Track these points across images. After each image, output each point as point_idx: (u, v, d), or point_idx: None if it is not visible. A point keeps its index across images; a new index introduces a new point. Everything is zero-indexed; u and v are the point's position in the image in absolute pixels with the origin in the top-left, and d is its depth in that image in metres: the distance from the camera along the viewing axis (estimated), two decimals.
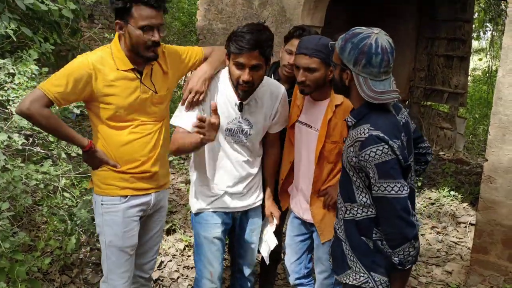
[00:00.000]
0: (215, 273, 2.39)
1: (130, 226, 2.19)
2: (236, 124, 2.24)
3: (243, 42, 2.03)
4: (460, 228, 4.47)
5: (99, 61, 2.02)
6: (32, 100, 1.93)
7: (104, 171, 2.15)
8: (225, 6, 4.63)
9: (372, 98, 1.66)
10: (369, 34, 1.66)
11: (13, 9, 3.45)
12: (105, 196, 2.16)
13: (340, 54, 1.70)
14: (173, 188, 4.72)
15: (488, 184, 3.14)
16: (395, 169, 1.63)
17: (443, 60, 6.36)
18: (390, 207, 1.63)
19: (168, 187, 2.42)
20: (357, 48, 1.65)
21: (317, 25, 4.24)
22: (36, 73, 2.92)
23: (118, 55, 2.06)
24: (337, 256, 1.93)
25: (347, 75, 1.71)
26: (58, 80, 1.97)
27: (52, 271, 3.08)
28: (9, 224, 2.55)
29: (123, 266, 2.22)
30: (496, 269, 3.21)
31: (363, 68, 1.66)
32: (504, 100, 3.00)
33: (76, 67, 1.99)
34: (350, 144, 1.73)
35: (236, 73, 2.10)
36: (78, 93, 1.99)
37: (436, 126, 6.63)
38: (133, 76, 2.08)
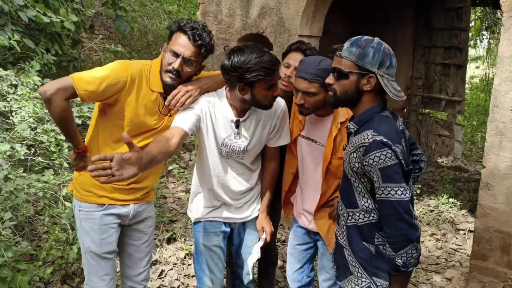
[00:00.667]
0: (216, 281, 2.39)
1: (107, 233, 2.19)
2: (232, 140, 2.22)
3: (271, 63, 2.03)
4: (459, 235, 4.49)
5: (138, 74, 2.04)
6: (59, 88, 1.89)
7: (84, 177, 2.14)
8: (224, 16, 4.69)
9: (397, 96, 1.73)
10: (379, 39, 1.74)
11: (15, 21, 3.50)
12: (82, 202, 2.16)
13: (359, 60, 1.71)
14: (173, 197, 4.74)
15: (486, 190, 3.16)
16: (398, 173, 1.66)
17: (440, 68, 6.42)
18: (394, 210, 1.66)
19: (152, 200, 2.38)
20: (380, 51, 1.70)
21: (315, 35, 4.30)
22: (38, 84, 2.95)
23: (154, 75, 2.09)
24: (339, 262, 1.95)
25: (368, 80, 1.73)
26: (93, 78, 1.94)
27: (53, 280, 3.09)
28: (12, 234, 2.56)
29: (103, 269, 2.23)
30: (495, 276, 3.22)
31: (387, 69, 1.72)
32: (501, 108, 3.04)
33: (115, 72, 1.99)
34: (353, 150, 1.76)
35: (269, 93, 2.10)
36: (105, 96, 1.99)
37: (434, 134, 6.67)
38: (157, 99, 2.10)
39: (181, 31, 2.03)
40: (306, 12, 4.10)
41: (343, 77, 1.76)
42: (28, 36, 3.67)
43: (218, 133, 2.19)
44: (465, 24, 6.14)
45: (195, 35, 2.01)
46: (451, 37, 6.22)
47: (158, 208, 4.26)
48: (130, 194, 2.21)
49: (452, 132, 6.46)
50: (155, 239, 3.83)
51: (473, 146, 7.96)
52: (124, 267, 2.39)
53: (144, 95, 2.07)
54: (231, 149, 2.23)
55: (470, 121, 9.23)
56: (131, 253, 2.36)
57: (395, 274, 1.75)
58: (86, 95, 1.93)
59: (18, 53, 3.47)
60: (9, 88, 2.91)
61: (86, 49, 5.80)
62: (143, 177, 2.21)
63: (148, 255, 2.42)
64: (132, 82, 2.02)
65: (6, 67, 3.39)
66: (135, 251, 2.36)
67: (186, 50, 2.02)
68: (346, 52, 1.74)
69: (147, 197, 2.31)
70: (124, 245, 2.35)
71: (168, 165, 5.37)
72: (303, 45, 2.51)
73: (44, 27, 3.83)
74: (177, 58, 2.03)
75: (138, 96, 2.06)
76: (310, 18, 4.17)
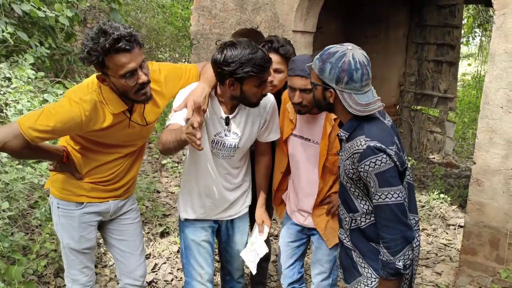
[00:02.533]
0: (205, 275, 2.38)
1: (87, 230, 2.19)
2: (223, 137, 2.20)
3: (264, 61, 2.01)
4: (449, 230, 4.55)
5: (93, 109, 1.91)
6: (8, 140, 1.82)
7: (62, 176, 2.12)
8: (218, 11, 4.69)
9: (359, 111, 1.72)
10: (345, 52, 1.70)
11: (8, 14, 3.48)
12: (61, 200, 2.15)
13: (320, 74, 1.73)
14: (167, 192, 4.75)
15: (476, 186, 3.21)
16: (394, 176, 1.69)
17: (432, 65, 6.46)
18: (392, 213, 1.69)
19: (132, 194, 2.36)
20: (337, 67, 1.69)
21: (309, 30, 4.32)
22: (32, 77, 2.94)
23: (110, 97, 1.94)
24: (347, 265, 1.96)
25: (330, 93, 1.74)
26: (43, 126, 1.84)
27: (47, 273, 3.10)
28: (8, 224, 2.57)
29: (82, 263, 2.25)
30: (484, 270, 3.28)
31: (345, 84, 1.70)
32: (491, 105, 3.08)
33: (67, 114, 1.86)
34: (347, 157, 1.77)
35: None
36: (60, 135, 1.95)
37: (426, 130, 6.73)
38: (123, 118, 2.02)
39: (114, 51, 1.78)
40: (300, 8, 4.11)
41: (313, 87, 1.81)
42: (21, 29, 3.65)
43: (209, 131, 2.18)
44: (458, 22, 6.18)
45: (126, 45, 1.78)
46: (444, 34, 6.26)
47: (152, 203, 4.27)
48: (109, 192, 2.20)
49: (443, 129, 6.52)
50: (149, 233, 3.84)
51: (464, 142, 8.03)
52: (119, 264, 2.38)
53: (111, 122, 1.97)
54: (222, 146, 2.21)
55: (461, 118, 9.31)
56: (122, 249, 2.35)
57: (390, 279, 1.76)
58: (38, 140, 1.87)
59: (12, 46, 3.46)
60: (2, 81, 2.91)
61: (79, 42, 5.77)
62: (121, 176, 2.20)
63: (140, 249, 2.39)
64: (89, 119, 1.91)
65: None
66: (125, 246, 2.34)
67: (134, 61, 1.83)
68: (314, 64, 1.77)
69: (127, 193, 2.30)
70: (112, 241, 2.35)
71: (161, 160, 5.37)
72: (274, 44, 2.45)
73: (38, 20, 3.81)
74: (134, 75, 1.84)
75: (104, 126, 1.96)
76: (304, 14, 4.18)
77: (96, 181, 2.15)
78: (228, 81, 2.02)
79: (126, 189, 2.28)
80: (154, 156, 5.53)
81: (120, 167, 2.18)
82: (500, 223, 3.15)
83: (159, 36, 8.18)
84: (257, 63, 1.97)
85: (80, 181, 2.12)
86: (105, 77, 1.86)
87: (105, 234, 2.37)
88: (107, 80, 1.87)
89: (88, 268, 2.28)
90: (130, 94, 1.89)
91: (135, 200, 2.40)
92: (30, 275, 2.96)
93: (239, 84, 2.03)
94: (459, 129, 8.36)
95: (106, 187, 2.17)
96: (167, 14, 8.43)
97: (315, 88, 1.80)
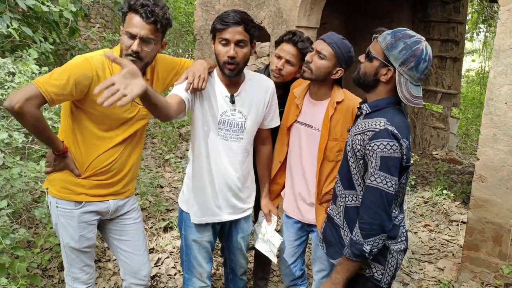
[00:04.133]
0: (204, 273, 2.40)
1: (86, 230, 2.17)
2: (230, 116, 2.21)
3: (228, 18, 2.06)
4: (452, 226, 4.55)
5: (100, 66, 1.97)
6: (27, 98, 1.79)
7: (61, 174, 2.10)
8: (222, 6, 4.68)
9: (407, 100, 1.72)
10: (420, 39, 1.72)
11: (13, 9, 3.48)
12: (59, 199, 2.12)
13: (387, 50, 1.71)
14: (170, 187, 4.77)
15: (480, 182, 3.21)
16: (396, 167, 1.69)
17: (436, 61, 6.44)
18: (379, 199, 1.69)
19: (131, 194, 2.34)
20: (411, 49, 1.69)
21: (313, 26, 4.31)
22: (36, 72, 2.95)
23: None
24: (333, 242, 1.98)
25: (386, 71, 1.73)
26: (58, 80, 1.86)
27: (51, 267, 3.12)
28: (9, 221, 2.58)
29: (83, 261, 2.24)
30: (486, 266, 3.28)
31: (409, 70, 1.70)
32: (496, 101, 3.07)
33: (79, 68, 1.92)
34: (359, 132, 1.77)
35: (222, 50, 2.08)
36: (74, 94, 1.92)
37: (429, 126, 6.72)
38: None
39: (132, 10, 1.94)
40: (304, 3, 4.10)
41: (368, 59, 1.78)
42: (26, 24, 3.65)
43: (215, 110, 2.19)
44: (462, 17, 6.16)
45: (147, 12, 1.92)
46: (448, 30, 6.24)
47: (155, 197, 4.29)
48: (109, 187, 2.18)
49: (447, 125, 6.51)
50: (152, 228, 3.86)
51: (467, 138, 8.01)
52: (123, 264, 2.37)
53: None
54: (230, 126, 2.22)
55: (465, 114, 9.28)
56: (125, 249, 2.33)
57: (351, 260, 1.78)
58: (55, 97, 1.86)
59: (16, 41, 3.46)
60: (6, 76, 2.91)
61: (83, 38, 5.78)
62: (120, 167, 2.18)
63: (143, 248, 2.38)
64: (97, 75, 1.95)
65: (3, 55, 3.39)
66: (128, 246, 2.33)
67: (141, 29, 1.93)
68: (381, 37, 1.75)
69: (126, 191, 2.27)
70: (115, 242, 2.34)
71: (164, 155, 5.39)
72: (295, 37, 2.49)
73: (42, 15, 3.82)
74: (133, 39, 1.94)
75: None
76: (308, 10, 4.17)
77: (97, 173, 2.11)
78: (211, 42, 2.16)
79: (126, 183, 2.25)
80: (158, 152, 5.54)
81: (119, 155, 2.14)
82: (503, 219, 3.15)
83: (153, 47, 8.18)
84: (222, 19, 2.06)
85: (80, 179, 2.10)
86: (122, 31, 1.99)
87: (106, 235, 2.36)
88: (122, 33, 1.98)
89: (89, 266, 2.28)
90: (123, 54, 1.98)
91: (135, 200, 2.38)
92: (34, 268, 2.99)
93: (213, 43, 2.14)
94: (462, 125, 8.34)
95: (106, 181, 2.15)
96: (171, 9, 8.42)
97: (370, 61, 1.77)
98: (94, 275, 2.34)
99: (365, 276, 1.86)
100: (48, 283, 2.99)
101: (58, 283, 3.04)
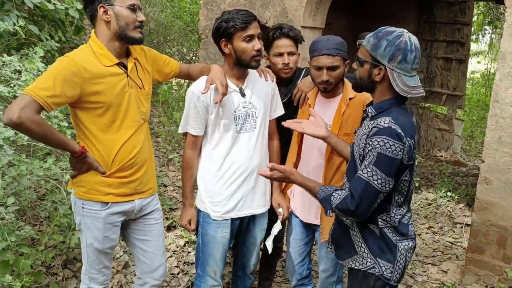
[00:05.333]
0: (218, 272, 2.42)
1: (111, 231, 2.18)
2: (242, 111, 2.31)
3: (246, 15, 2.17)
4: (456, 229, 4.54)
5: (84, 60, 1.96)
6: (22, 107, 1.80)
7: (88, 175, 2.10)
8: (227, 6, 4.68)
9: (405, 92, 1.74)
10: (402, 32, 1.75)
11: (19, 7, 3.50)
12: (86, 200, 2.12)
13: (372, 51, 1.76)
14: (174, 186, 4.77)
15: (484, 185, 3.20)
16: (391, 167, 1.70)
17: (442, 62, 6.42)
18: (364, 190, 1.72)
19: (155, 192, 2.36)
20: (394, 44, 1.72)
21: (318, 26, 4.30)
22: (42, 70, 2.96)
23: (101, 51, 2.02)
24: (342, 242, 1.98)
25: (379, 71, 1.77)
26: (45, 83, 1.86)
27: (55, 265, 3.13)
28: (15, 218, 2.59)
29: (102, 263, 2.25)
30: (490, 269, 3.27)
31: (398, 64, 1.73)
32: (501, 103, 3.06)
33: (63, 67, 1.91)
34: (365, 133, 1.79)
35: (249, 46, 2.20)
36: (67, 95, 1.91)
37: (434, 128, 6.70)
38: (119, 71, 2.05)
39: None
40: (309, 3, 4.10)
41: (359, 64, 1.82)
42: (32, 22, 3.66)
43: (230, 108, 2.28)
44: (468, 19, 6.14)
45: None
46: (454, 31, 6.22)
47: (159, 196, 4.29)
48: (135, 187, 2.18)
49: (452, 127, 6.49)
50: None
51: (472, 141, 7.98)
52: (141, 264, 2.39)
53: (103, 74, 2.00)
54: (245, 118, 2.32)
55: (470, 116, 9.24)
56: (145, 249, 2.35)
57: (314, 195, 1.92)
58: (49, 101, 1.86)
59: (22, 39, 3.47)
60: (12, 74, 2.92)
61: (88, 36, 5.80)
62: (142, 160, 2.18)
63: (163, 249, 2.40)
64: (83, 70, 1.94)
65: (10, 52, 3.40)
66: (148, 246, 2.34)
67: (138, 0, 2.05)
68: (365, 41, 1.79)
69: (150, 189, 2.29)
70: (135, 241, 2.35)
71: (168, 154, 5.39)
72: (284, 29, 2.54)
73: (48, 14, 3.83)
74: (137, 11, 2.02)
75: (97, 79, 1.98)
76: (313, 10, 4.17)
77: (122, 168, 2.11)
78: (222, 43, 2.24)
79: (148, 179, 2.25)
80: (161, 151, 5.55)
81: (138, 144, 2.15)
82: (508, 222, 3.14)
83: (167, 30, 8.17)
84: (239, 17, 2.16)
85: (106, 178, 2.09)
86: (110, 9, 1.98)
87: (128, 234, 2.36)
88: (108, 12, 1.98)
89: (107, 267, 2.29)
90: (130, 29, 2.01)
91: (158, 200, 2.40)
92: (38, 266, 3.00)
93: (229, 44, 2.22)
94: (467, 127, 8.31)
95: (131, 177, 2.15)
96: (176, 8, 8.43)
97: (361, 65, 1.82)
98: (109, 276, 2.36)
99: (374, 275, 1.87)
100: (52, 281, 3.00)
101: (62, 280, 3.05)
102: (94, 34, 2.06)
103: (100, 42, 2.03)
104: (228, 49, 2.24)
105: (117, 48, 2.05)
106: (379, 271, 1.86)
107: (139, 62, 2.17)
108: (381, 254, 1.85)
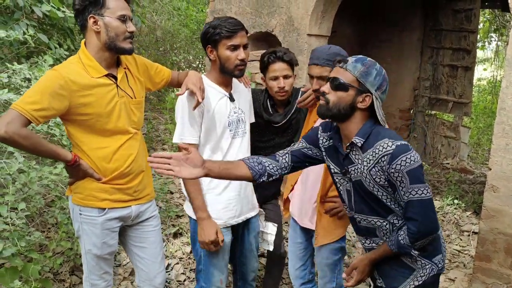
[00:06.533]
0: (224, 280, 2.41)
1: (109, 236, 2.19)
2: (234, 116, 2.33)
3: (232, 24, 2.18)
4: (463, 237, 4.51)
5: (71, 73, 1.96)
6: (8, 122, 1.81)
7: (84, 181, 2.11)
8: (233, 14, 4.72)
9: (383, 121, 1.79)
10: (379, 65, 1.81)
11: (29, 16, 3.55)
12: (83, 206, 2.13)
13: (362, 77, 1.74)
14: (180, 193, 4.79)
15: (491, 193, 3.18)
16: (423, 174, 1.74)
17: (448, 69, 6.42)
18: (427, 208, 1.74)
19: (152, 199, 2.35)
20: (381, 74, 1.77)
21: (324, 34, 4.33)
22: None
23: (89, 63, 2.01)
24: (394, 271, 1.92)
25: (363, 98, 1.75)
26: (32, 97, 1.87)
27: (62, 271, 3.15)
28: (25, 224, 2.62)
29: (102, 269, 2.26)
30: (498, 277, 3.25)
31: (382, 93, 1.78)
32: (508, 110, 3.06)
33: (50, 81, 1.91)
34: (373, 165, 1.76)
35: (232, 55, 2.20)
36: (55, 108, 1.92)
37: (440, 135, 6.68)
38: (108, 82, 2.05)
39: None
40: (315, 12, 4.13)
41: (342, 88, 1.76)
42: (41, 30, 3.72)
43: (222, 114, 2.28)
44: (474, 26, 6.13)
45: None
46: (460, 39, 6.22)
47: (165, 203, 4.31)
48: (131, 193, 2.19)
49: (458, 134, 6.47)
50: (162, 234, 3.87)
51: (479, 148, 7.95)
52: (139, 271, 2.39)
53: (91, 85, 2.00)
54: (237, 123, 2.35)
55: (476, 123, 9.21)
56: (143, 256, 2.35)
57: (394, 252, 1.85)
58: (36, 114, 1.87)
59: (31, 47, 3.52)
60: (22, 82, 2.96)
61: None
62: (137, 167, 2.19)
63: (160, 256, 2.39)
64: (71, 82, 1.94)
65: (19, 61, 3.45)
66: (145, 253, 2.34)
67: (128, 10, 2.04)
68: (351, 66, 1.76)
69: (147, 196, 2.29)
70: (133, 248, 2.36)
71: None
72: (279, 53, 2.55)
73: (57, 22, 3.88)
74: (126, 22, 2.01)
75: (85, 91, 1.98)
76: (319, 18, 4.20)
77: (118, 176, 2.12)
78: (208, 49, 2.25)
79: (144, 186, 2.25)
80: None
81: (133, 154, 2.15)
82: None
83: (174, 38, 8.24)
84: (226, 26, 2.17)
85: (102, 184, 2.11)
86: (100, 19, 1.97)
87: (125, 240, 2.37)
88: (98, 23, 1.98)
89: (107, 273, 2.30)
90: (119, 40, 2.00)
91: (156, 207, 2.40)
92: (46, 272, 3.02)
93: (214, 50, 2.23)
94: (474, 134, 8.27)
95: (127, 185, 2.16)
96: (182, 16, 8.50)
97: (346, 90, 1.75)
98: (111, 282, 2.36)
99: (435, 275, 1.90)
100: (60, 287, 3.02)
101: (69, 287, 3.07)
102: (83, 45, 2.05)
103: (90, 52, 2.03)
104: (213, 56, 2.24)
105: (107, 58, 2.05)
106: (435, 267, 1.89)
107: (130, 71, 2.18)
108: (434, 251, 1.89)
